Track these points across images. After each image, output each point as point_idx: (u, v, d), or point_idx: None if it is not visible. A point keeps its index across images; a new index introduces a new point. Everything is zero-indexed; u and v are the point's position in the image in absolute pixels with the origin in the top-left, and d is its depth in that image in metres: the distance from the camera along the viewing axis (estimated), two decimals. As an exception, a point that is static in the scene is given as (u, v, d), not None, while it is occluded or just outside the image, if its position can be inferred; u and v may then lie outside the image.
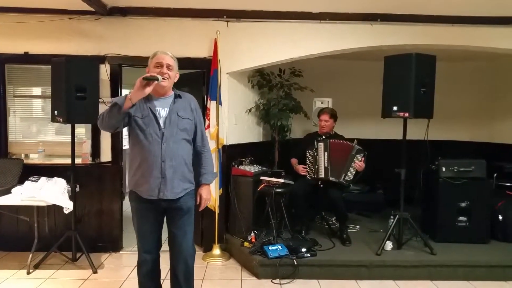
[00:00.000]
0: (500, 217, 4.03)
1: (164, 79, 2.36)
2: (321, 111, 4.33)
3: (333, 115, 4.26)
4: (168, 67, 2.40)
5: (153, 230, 2.52)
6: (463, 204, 3.92)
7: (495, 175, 4.52)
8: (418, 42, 3.98)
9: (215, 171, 2.76)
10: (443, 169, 3.94)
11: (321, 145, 3.98)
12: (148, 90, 2.25)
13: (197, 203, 2.63)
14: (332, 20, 3.99)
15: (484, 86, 5.56)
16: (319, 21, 4.00)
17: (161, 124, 2.39)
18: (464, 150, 5.36)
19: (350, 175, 3.92)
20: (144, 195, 2.42)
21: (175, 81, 2.50)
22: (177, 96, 2.50)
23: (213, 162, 2.72)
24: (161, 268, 2.70)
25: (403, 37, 3.99)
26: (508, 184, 4.60)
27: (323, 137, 4.19)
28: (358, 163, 3.88)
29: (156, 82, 2.26)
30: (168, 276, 2.67)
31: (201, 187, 2.62)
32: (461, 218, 3.93)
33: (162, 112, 2.42)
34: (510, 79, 5.28)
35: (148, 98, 2.39)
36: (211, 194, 2.72)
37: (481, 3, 3.66)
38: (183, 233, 2.53)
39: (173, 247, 2.55)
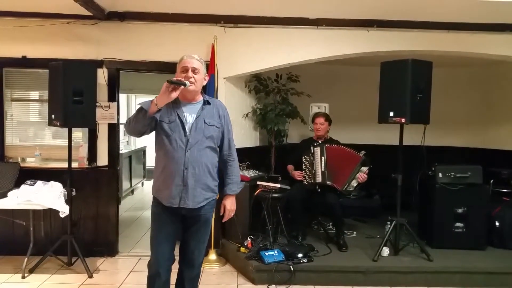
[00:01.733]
0: (497, 223, 4.02)
1: (191, 83, 2.29)
2: (316, 115, 4.37)
3: (328, 119, 4.30)
4: (194, 70, 2.31)
5: (169, 238, 2.44)
6: (459, 210, 3.92)
7: (491, 181, 4.52)
8: (414, 48, 4.01)
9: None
10: (440, 174, 3.94)
11: (318, 150, 3.98)
12: (175, 95, 2.20)
13: (221, 213, 2.57)
14: (329, 26, 4.01)
15: (480, 92, 5.59)
16: (316, 27, 4.02)
17: (187, 131, 2.33)
18: (460, 156, 5.37)
19: (352, 186, 3.90)
20: (164, 202, 2.36)
21: (204, 84, 2.44)
22: (206, 103, 2.42)
23: (239, 185, 2.60)
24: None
25: (400, 43, 4.02)
26: (505, 190, 4.59)
27: (319, 141, 4.20)
28: (362, 175, 3.87)
29: (183, 87, 2.21)
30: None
31: (225, 197, 2.55)
32: (458, 224, 3.92)
33: (189, 118, 2.35)
34: (505, 85, 5.30)
35: (176, 103, 2.32)
36: (235, 205, 2.60)
37: (476, 10, 3.69)
38: (197, 242, 2.48)
39: (185, 254, 2.51)
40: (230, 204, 2.55)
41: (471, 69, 5.54)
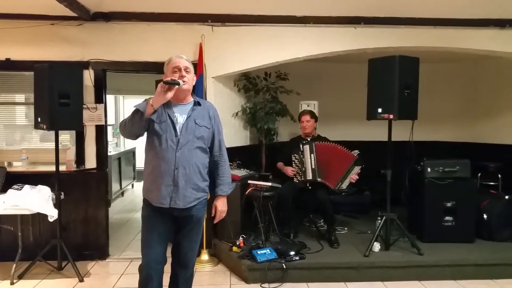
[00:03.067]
0: (485, 216, 4.07)
1: (185, 82, 2.29)
2: (301, 113, 4.38)
3: (314, 116, 4.31)
4: (186, 69, 2.32)
5: (160, 240, 2.41)
6: (448, 204, 3.96)
7: (479, 174, 4.59)
8: (401, 45, 4.04)
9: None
10: (428, 169, 3.98)
11: (307, 148, 4.00)
12: (170, 95, 2.21)
13: (212, 215, 2.55)
14: (317, 24, 4.02)
15: (466, 87, 5.66)
16: (304, 24, 4.02)
17: (178, 131, 2.32)
18: (448, 151, 5.42)
19: (344, 185, 3.93)
20: (154, 202, 2.35)
21: (193, 84, 2.44)
22: (196, 104, 2.42)
23: (230, 187, 2.59)
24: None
25: (387, 39, 4.04)
26: (492, 183, 4.67)
27: (308, 139, 4.21)
28: (354, 176, 3.90)
29: (177, 86, 2.22)
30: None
31: (216, 198, 2.53)
32: (447, 218, 3.97)
33: (180, 118, 2.35)
34: (490, 79, 5.38)
35: (167, 104, 2.31)
36: (227, 205, 2.57)
37: (462, 6, 3.74)
38: (190, 242, 2.47)
39: (179, 255, 2.49)
40: (221, 205, 2.54)
41: (458, 64, 5.60)
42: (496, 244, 3.96)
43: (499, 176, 4.66)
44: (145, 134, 2.38)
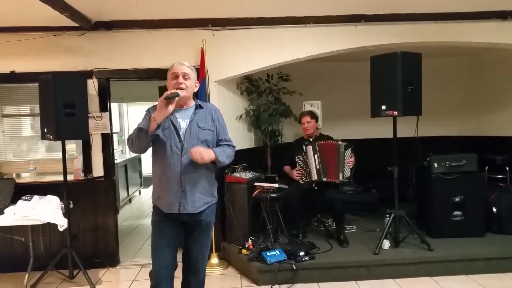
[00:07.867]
0: (494, 210, 4.06)
1: (182, 89, 2.31)
2: (301, 115, 4.36)
3: (314, 116, 4.29)
4: (184, 76, 2.33)
5: (169, 245, 2.42)
6: (457, 199, 3.95)
7: (486, 168, 4.57)
8: (403, 41, 4.03)
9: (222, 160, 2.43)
10: (435, 164, 3.97)
11: (310, 148, 3.99)
12: (171, 108, 2.23)
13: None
14: (317, 24, 4.02)
15: (470, 80, 5.64)
16: (304, 25, 4.03)
17: (181, 136, 2.34)
18: (454, 145, 5.40)
19: (347, 172, 3.92)
20: (164, 209, 2.36)
21: (195, 90, 2.45)
22: (198, 107, 2.44)
23: (225, 159, 2.44)
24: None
25: (388, 36, 4.03)
26: (500, 176, 4.64)
27: (310, 140, 4.20)
28: (349, 161, 3.90)
29: (177, 98, 2.24)
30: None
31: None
32: (456, 212, 3.95)
33: (183, 124, 2.37)
34: (493, 72, 5.36)
35: None
36: (205, 155, 2.29)
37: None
38: (199, 247, 2.48)
39: (189, 260, 2.50)
40: (203, 149, 2.30)
41: (460, 58, 5.59)
42: (506, 237, 3.94)
43: (507, 168, 4.62)
44: None
